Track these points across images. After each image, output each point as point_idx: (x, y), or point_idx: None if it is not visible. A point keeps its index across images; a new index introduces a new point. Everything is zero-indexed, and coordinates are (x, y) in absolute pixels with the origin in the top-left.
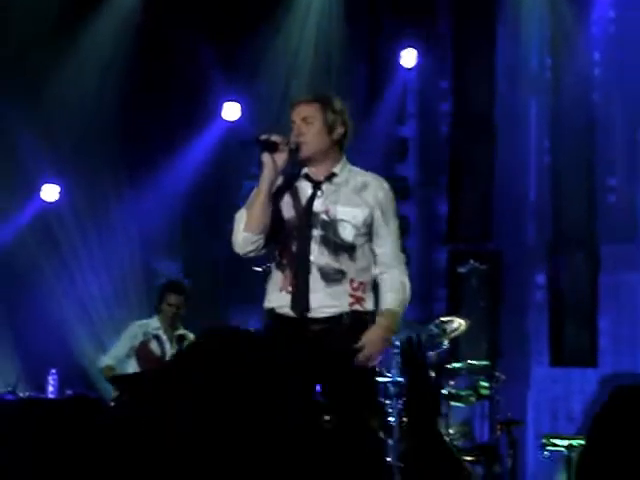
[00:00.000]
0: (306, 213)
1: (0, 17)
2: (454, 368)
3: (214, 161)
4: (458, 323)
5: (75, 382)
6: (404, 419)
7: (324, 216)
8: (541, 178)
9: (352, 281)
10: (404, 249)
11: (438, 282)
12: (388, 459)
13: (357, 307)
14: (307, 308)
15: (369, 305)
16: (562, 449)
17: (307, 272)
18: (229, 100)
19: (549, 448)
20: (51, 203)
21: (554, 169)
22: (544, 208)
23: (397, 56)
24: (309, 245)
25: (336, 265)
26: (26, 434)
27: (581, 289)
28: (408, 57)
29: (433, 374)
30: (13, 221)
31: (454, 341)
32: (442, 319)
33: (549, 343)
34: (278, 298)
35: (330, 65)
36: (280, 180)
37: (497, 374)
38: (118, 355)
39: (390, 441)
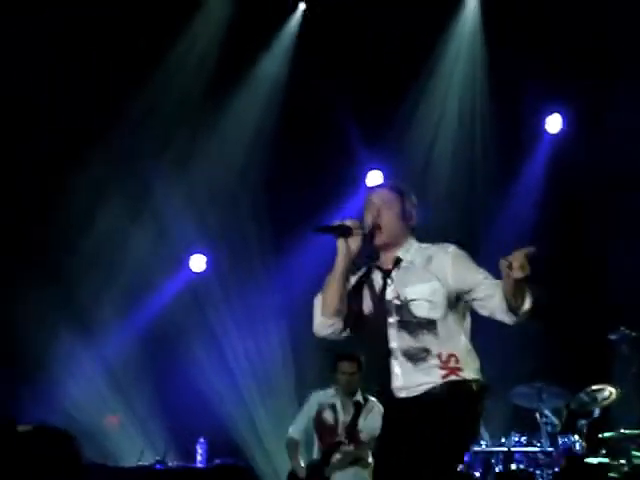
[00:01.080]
0: (380, 303)
1: (148, 95)
2: (606, 437)
3: None
4: (609, 391)
5: (224, 451)
6: None
7: (396, 301)
8: None
9: (440, 355)
10: None
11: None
12: None
13: (454, 378)
14: (392, 391)
15: (468, 373)
16: None
17: (388, 357)
18: (373, 168)
19: None
20: (198, 273)
21: None
22: None
23: (542, 122)
24: (387, 334)
25: (418, 344)
26: None
27: None
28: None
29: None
30: (162, 292)
31: (606, 410)
32: (593, 387)
33: None
34: (374, 381)
35: (474, 132)
36: (358, 274)
37: None
38: (300, 427)
39: None
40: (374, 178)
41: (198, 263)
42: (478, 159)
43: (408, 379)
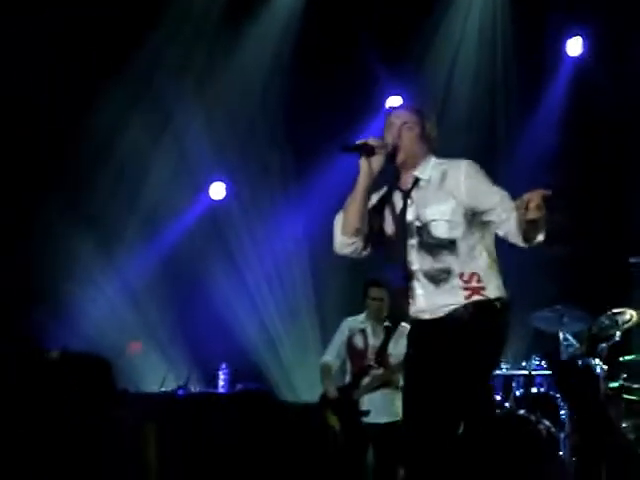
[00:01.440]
0: (401, 225)
1: (166, 22)
2: (626, 361)
3: None
4: (630, 315)
5: (246, 377)
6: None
7: (417, 223)
8: None
9: (462, 275)
10: None
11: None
12: (560, 453)
13: (477, 297)
14: (417, 311)
15: (491, 292)
16: None
17: (411, 280)
18: (394, 94)
19: None
20: (218, 201)
21: None
22: None
23: (563, 45)
24: (409, 255)
25: (439, 265)
26: (198, 428)
27: None
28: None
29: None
30: (182, 220)
31: (626, 333)
32: (614, 311)
33: None
34: (402, 304)
35: (495, 55)
36: (379, 194)
37: None
38: (333, 352)
39: (562, 435)
40: (394, 103)
41: (218, 191)
42: (499, 82)
43: (431, 301)
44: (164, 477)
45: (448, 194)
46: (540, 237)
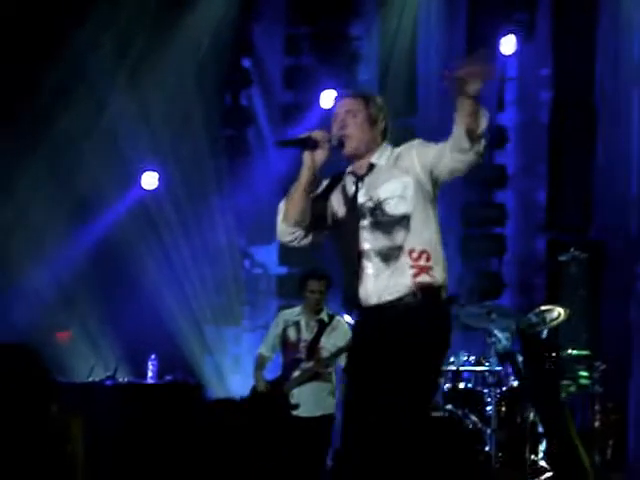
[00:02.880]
0: (353, 208)
1: (102, 10)
2: (553, 358)
3: None
4: (558, 312)
5: (175, 368)
6: (502, 408)
7: (369, 204)
8: None
9: (411, 252)
10: None
11: (537, 271)
12: (486, 448)
13: (424, 278)
14: (364, 295)
15: (438, 274)
16: None
17: (361, 260)
18: (328, 88)
19: None
20: (150, 191)
21: None
22: None
23: (497, 43)
24: (360, 236)
25: (390, 243)
26: (125, 418)
27: None
28: (508, 44)
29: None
30: (114, 209)
31: (554, 330)
32: (542, 308)
33: None
34: (347, 289)
35: (428, 51)
36: (329, 180)
37: (597, 364)
38: (268, 344)
39: (488, 430)
40: (329, 98)
41: (150, 180)
42: (433, 84)
43: (380, 280)
44: (91, 473)
45: (402, 172)
46: (483, 124)
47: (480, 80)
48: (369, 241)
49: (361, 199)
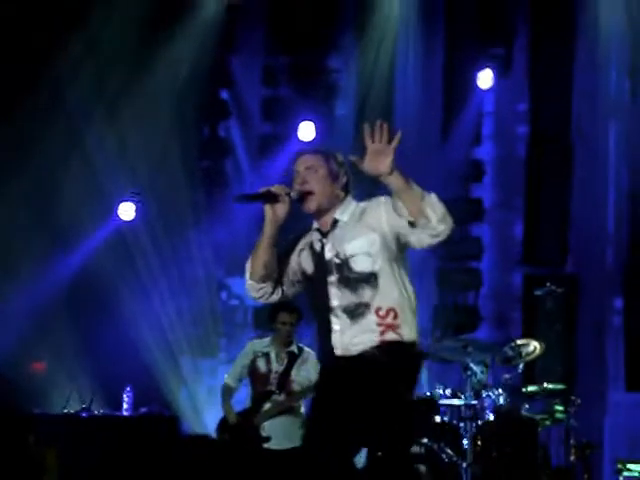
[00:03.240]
0: (320, 264)
1: (80, 43)
2: (529, 391)
3: (290, 181)
4: (533, 346)
5: (150, 400)
6: (478, 442)
7: (336, 260)
8: (619, 203)
9: (378, 310)
10: None
11: (513, 305)
12: None
13: (391, 336)
14: (331, 348)
15: (406, 332)
16: (637, 474)
17: (329, 315)
18: (306, 120)
19: (625, 474)
20: (128, 222)
21: (633, 194)
22: (622, 233)
23: (474, 77)
24: (328, 292)
25: (358, 300)
26: (100, 450)
27: None
28: (485, 78)
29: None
30: (90, 239)
31: (530, 364)
32: (517, 342)
33: (625, 368)
34: (318, 340)
35: (406, 85)
36: (299, 235)
37: (573, 398)
38: (235, 374)
39: (464, 464)
40: (307, 130)
41: (127, 211)
42: (411, 118)
43: (345, 336)
44: None
45: (367, 228)
46: (429, 205)
47: (386, 157)
48: (337, 297)
49: (328, 255)
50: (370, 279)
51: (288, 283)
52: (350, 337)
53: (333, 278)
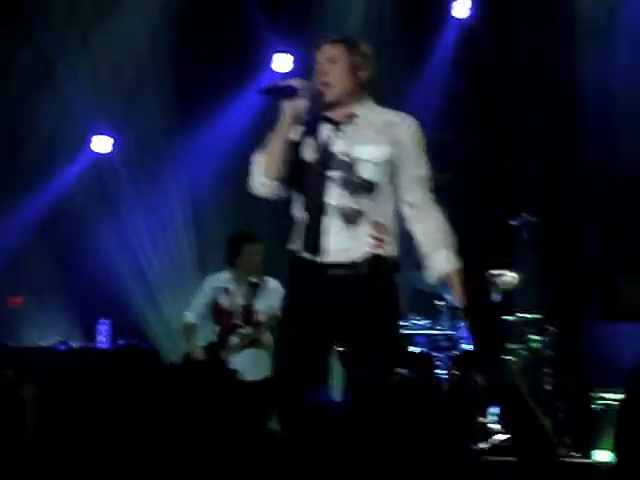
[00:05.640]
0: (324, 155)
1: None
2: (505, 322)
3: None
4: (510, 277)
5: (128, 333)
6: (454, 371)
7: (344, 157)
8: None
9: (372, 222)
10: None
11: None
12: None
13: (378, 251)
14: (318, 250)
15: (391, 250)
16: (611, 403)
17: (320, 213)
18: (280, 51)
19: (599, 402)
20: (102, 154)
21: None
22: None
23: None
24: (325, 187)
25: (355, 206)
26: (80, 383)
27: (637, 242)
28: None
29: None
30: (65, 173)
31: (506, 295)
32: (493, 272)
33: (601, 297)
34: (298, 241)
35: (382, 14)
36: (301, 125)
37: (548, 327)
38: (195, 310)
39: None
40: (282, 61)
41: (102, 144)
42: (386, 43)
43: (337, 240)
44: (45, 438)
45: (386, 141)
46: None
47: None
48: (334, 197)
49: (336, 149)
50: (371, 189)
51: (291, 178)
52: (341, 243)
53: (336, 175)
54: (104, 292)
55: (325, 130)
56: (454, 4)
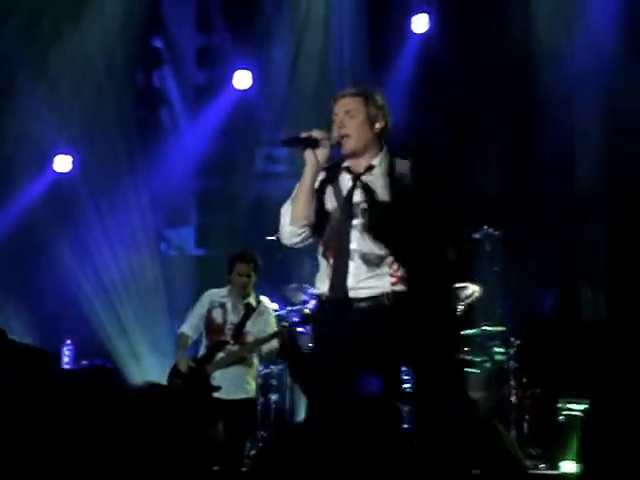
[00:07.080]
0: (347, 204)
1: None
2: (468, 335)
3: (225, 129)
4: (472, 289)
5: (91, 354)
6: None
7: (363, 205)
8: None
9: (392, 263)
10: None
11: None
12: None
13: (400, 287)
14: (345, 290)
15: (410, 285)
16: (577, 412)
17: (347, 258)
18: (241, 68)
19: (564, 412)
20: (63, 174)
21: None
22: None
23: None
24: (349, 234)
25: (377, 251)
26: (44, 403)
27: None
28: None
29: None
30: (26, 193)
31: (468, 307)
32: (456, 285)
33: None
34: (323, 285)
35: (342, 29)
36: (323, 174)
37: (512, 339)
38: (191, 323)
39: (406, 407)
40: (242, 78)
41: (62, 164)
42: (346, 58)
43: (359, 280)
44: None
45: (400, 187)
46: None
47: None
48: (357, 242)
49: (356, 198)
50: (390, 233)
51: (315, 226)
52: (363, 281)
53: (357, 222)
54: (67, 311)
55: (345, 180)
56: (413, 19)
